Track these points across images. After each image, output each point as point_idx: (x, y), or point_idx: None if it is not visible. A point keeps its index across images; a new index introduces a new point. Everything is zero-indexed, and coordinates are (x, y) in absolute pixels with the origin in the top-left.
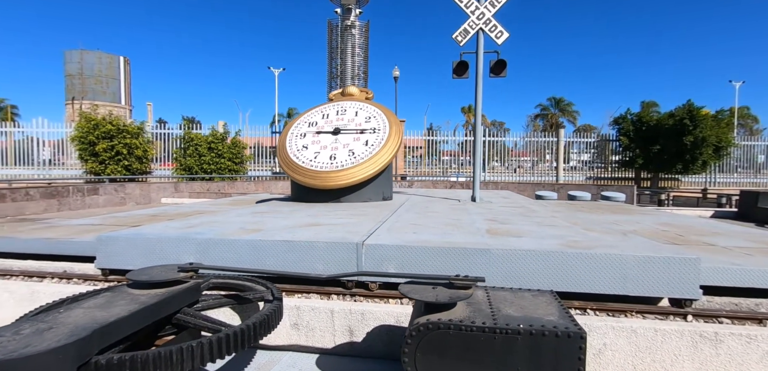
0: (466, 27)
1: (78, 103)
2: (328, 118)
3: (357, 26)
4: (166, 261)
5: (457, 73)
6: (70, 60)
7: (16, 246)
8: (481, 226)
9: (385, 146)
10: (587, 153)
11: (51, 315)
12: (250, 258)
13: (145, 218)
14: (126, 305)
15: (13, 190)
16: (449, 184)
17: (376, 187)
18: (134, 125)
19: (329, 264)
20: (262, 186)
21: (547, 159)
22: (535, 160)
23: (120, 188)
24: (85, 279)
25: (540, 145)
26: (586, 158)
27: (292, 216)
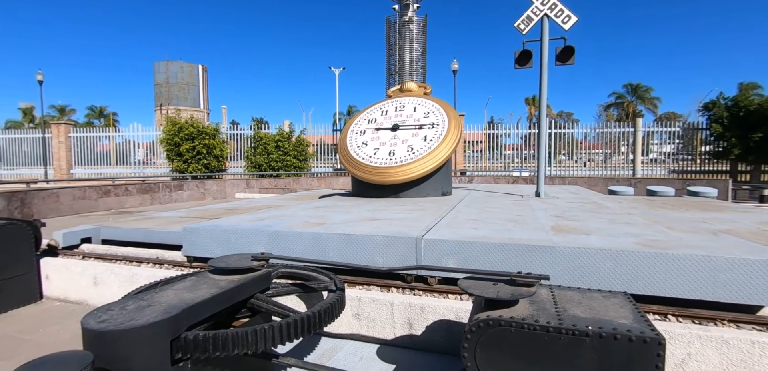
0: (529, 14)
1: (165, 108)
2: (387, 115)
3: (415, 21)
4: (240, 250)
5: (520, 63)
6: (158, 70)
7: (119, 235)
8: (546, 223)
9: (444, 141)
10: (670, 143)
11: (149, 294)
12: (314, 250)
13: (221, 211)
14: (208, 289)
15: (116, 187)
16: (512, 179)
17: (435, 183)
18: (211, 127)
19: (388, 257)
20: (325, 182)
21: (623, 151)
22: (608, 153)
23: (200, 184)
24: (173, 264)
25: (614, 136)
26: (668, 149)
27: (353, 211)
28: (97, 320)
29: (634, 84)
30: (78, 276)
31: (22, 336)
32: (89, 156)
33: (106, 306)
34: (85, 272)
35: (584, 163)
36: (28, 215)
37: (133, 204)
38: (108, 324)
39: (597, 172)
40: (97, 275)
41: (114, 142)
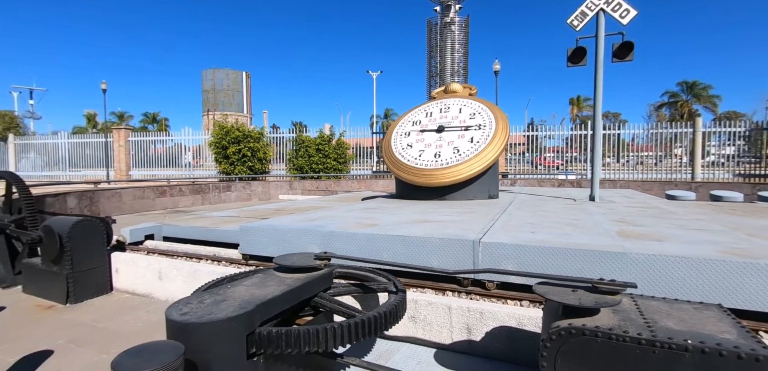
0: (584, 9)
1: (211, 113)
2: (431, 116)
3: (456, 22)
4: (294, 249)
5: (573, 61)
6: (206, 78)
7: (178, 232)
8: (609, 227)
9: (492, 143)
10: (731, 145)
11: (222, 289)
12: (368, 250)
13: (269, 211)
14: (277, 286)
15: (171, 187)
16: (557, 182)
17: (482, 185)
18: (256, 131)
19: (444, 260)
20: (365, 184)
21: (677, 153)
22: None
23: (247, 186)
24: (230, 262)
25: (666, 137)
26: (729, 152)
27: (401, 213)
28: (179, 312)
29: (689, 82)
30: (144, 270)
31: (97, 324)
32: (144, 158)
33: (185, 300)
34: (151, 267)
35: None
36: (96, 212)
37: (186, 204)
38: (189, 316)
39: (650, 176)
40: (161, 270)
41: (166, 145)
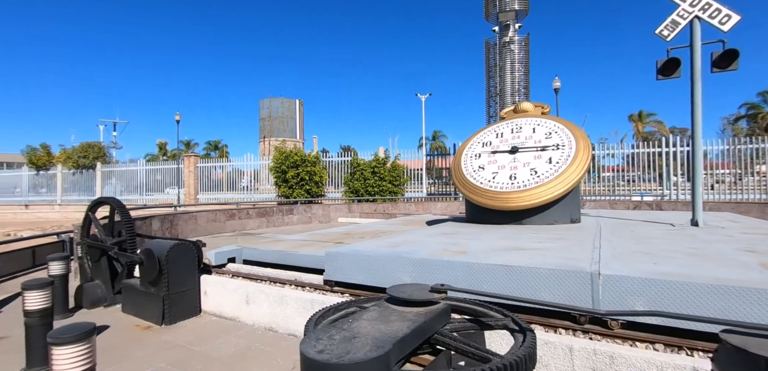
0: (675, 18)
1: (267, 139)
2: (502, 137)
3: (516, 41)
4: (384, 277)
5: (664, 73)
6: (263, 106)
7: (258, 256)
8: (742, 258)
9: (574, 163)
10: None
11: (345, 324)
12: (465, 280)
13: (340, 235)
14: (400, 322)
15: (239, 211)
16: (632, 203)
17: (563, 208)
18: (312, 155)
19: (556, 293)
20: (421, 207)
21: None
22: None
23: (307, 209)
24: (314, 288)
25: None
26: None
27: (485, 239)
28: (315, 349)
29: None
30: (232, 293)
31: (193, 347)
32: (207, 183)
33: (313, 335)
34: (239, 290)
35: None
36: (175, 234)
37: (253, 226)
38: (327, 355)
39: (735, 196)
40: (248, 294)
41: (225, 170)
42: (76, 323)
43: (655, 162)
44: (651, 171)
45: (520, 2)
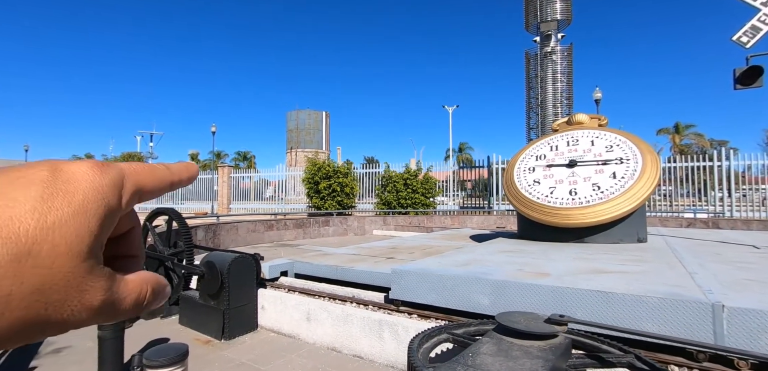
0: (755, 23)
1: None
2: (557, 150)
3: (558, 52)
4: (459, 299)
5: (744, 82)
6: (290, 118)
7: (311, 270)
8: None
9: (642, 178)
10: None
11: (467, 359)
12: (553, 306)
13: (387, 250)
14: (525, 357)
15: (277, 221)
16: (686, 221)
17: (629, 227)
18: (344, 166)
19: (665, 325)
20: (457, 220)
21: None
22: None
23: (343, 221)
24: (378, 306)
25: None
26: None
27: (557, 258)
28: None
29: None
30: (292, 310)
31: (257, 366)
32: (236, 192)
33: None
34: (299, 306)
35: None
36: (218, 244)
37: (290, 237)
38: None
39: None
40: (310, 311)
41: (253, 180)
42: (170, 344)
43: (695, 176)
44: (691, 185)
45: (563, 11)
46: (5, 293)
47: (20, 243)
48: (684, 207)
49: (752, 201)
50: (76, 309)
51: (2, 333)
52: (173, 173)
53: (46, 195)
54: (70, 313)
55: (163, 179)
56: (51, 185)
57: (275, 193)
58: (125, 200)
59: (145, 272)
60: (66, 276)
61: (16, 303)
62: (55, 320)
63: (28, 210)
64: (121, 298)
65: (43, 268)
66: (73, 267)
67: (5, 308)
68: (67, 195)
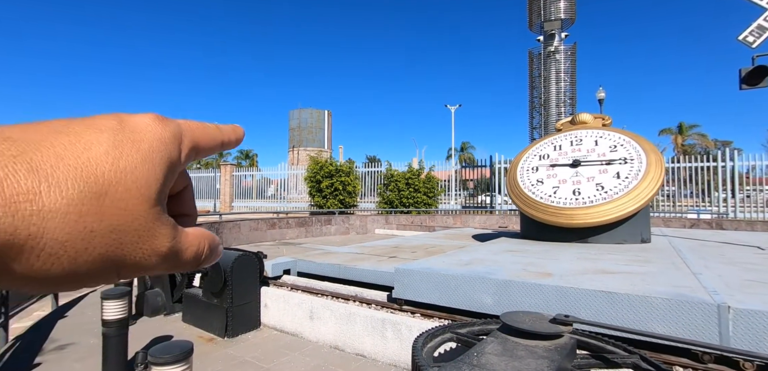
0: (762, 23)
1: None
2: (561, 150)
3: (562, 51)
4: (462, 298)
5: (750, 82)
6: (293, 117)
7: (314, 269)
8: None
9: (646, 178)
10: None
11: (471, 359)
12: (558, 305)
13: (390, 249)
14: (530, 357)
15: (280, 220)
16: (689, 221)
17: (633, 227)
18: (346, 165)
19: (670, 325)
20: (459, 220)
21: None
22: None
23: (345, 219)
24: (380, 305)
25: None
26: None
27: (561, 258)
28: None
29: None
30: (295, 308)
31: (261, 364)
32: (238, 191)
33: (437, 367)
34: (302, 305)
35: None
36: None
37: (292, 236)
38: None
39: None
40: (313, 309)
41: (255, 179)
42: (175, 341)
43: (698, 176)
44: (694, 186)
45: (567, 10)
46: (88, 229)
47: (98, 183)
48: (688, 207)
49: (756, 202)
50: (146, 252)
51: (86, 268)
52: (223, 132)
53: (117, 141)
54: (142, 255)
55: (215, 138)
56: (120, 133)
57: (277, 192)
58: (184, 154)
59: (202, 229)
60: (138, 219)
61: (98, 239)
62: (130, 261)
63: (102, 153)
64: (184, 248)
65: (118, 209)
66: (143, 211)
67: (88, 243)
68: (135, 143)
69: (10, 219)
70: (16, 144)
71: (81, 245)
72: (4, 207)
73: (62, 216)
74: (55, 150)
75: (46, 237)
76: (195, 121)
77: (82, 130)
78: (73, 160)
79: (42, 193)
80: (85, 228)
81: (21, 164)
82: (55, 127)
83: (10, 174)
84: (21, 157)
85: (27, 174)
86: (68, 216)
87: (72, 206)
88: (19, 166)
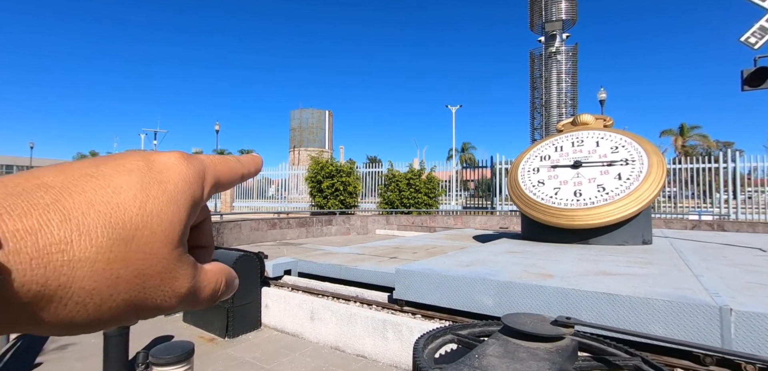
0: (764, 24)
1: (297, 149)
2: (562, 151)
3: (563, 52)
4: (463, 299)
5: (752, 83)
6: (293, 117)
7: (314, 269)
8: None
9: (647, 180)
10: None
11: (473, 360)
12: (559, 307)
13: (391, 250)
14: (531, 359)
15: (281, 220)
16: (690, 223)
17: (634, 228)
18: (347, 165)
19: (672, 327)
20: (460, 220)
21: None
22: None
23: (346, 220)
24: (381, 306)
25: None
26: None
27: (563, 260)
28: None
29: None
30: (296, 308)
31: (262, 365)
32: (239, 191)
33: (439, 369)
34: (303, 305)
35: None
36: (221, 242)
37: (293, 236)
38: None
39: None
40: (314, 310)
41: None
42: (176, 342)
43: (699, 178)
44: (696, 187)
45: (568, 11)
46: (115, 275)
47: (126, 228)
48: (689, 209)
49: (758, 204)
50: (167, 294)
51: (109, 314)
52: (244, 165)
53: (144, 183)
54: (163, 298)
55: (236, 171)
56: (147, 174)
57: (278, 192)
58: (207, 192)
59: (219, 264)
60: (161, 262)
61: (123, 286)
62: (151, 304)
63: (130, 197)
64: (202, 287)
65: (144, 254)
66: (167, 254)
67: (114, 290)
68: (162, 184)
69: (43, 271)
70: (51, 191)
71: (107, 292)
72: (37, 258)
73: (91, 264)
74: (86, 195)
75: (74, 286)
76: (217, 156)
77: (111, 172)
78: (102, 205)
79: (73, 242)
80: (112, 274)
81: (55, 213)
82: (87, 170)
83: (44, 224)
84: (55, 204)
85: (60, 223)
86: (97, 264)
87: (101, 254)
88: (53, 214)
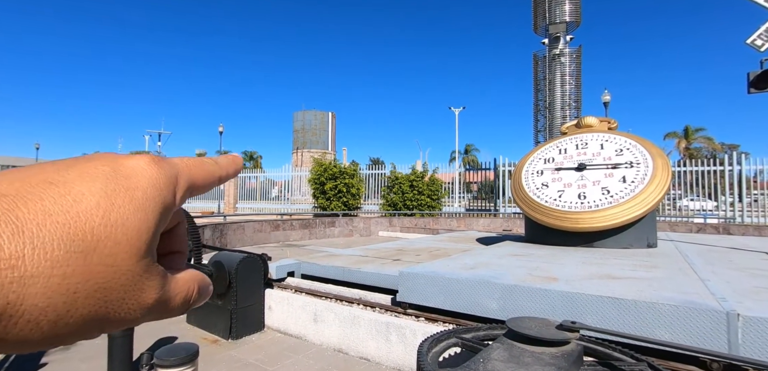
0: None
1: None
2: (566, 153)
3: (567, 54)
4: (467, 303)
5: (758, 86)
6: (296, 118)
7: (318, 271)
8: None
9: (652, 183)
10: None
11: (477, 365)
12: (563, 311)
13: (394, 252)
14: (537, 365)
15: (284, 222)
16: (696, 226)
17: (639, 231)
18: (350, 167)
19: (677, 333)
20: (463, 222)
21: None
22: None
23: (349, 222)
24: (385, 309)
25: None
26: None
27: (567, 263)
28: None
29: None
30: (299, 310)
31: (266, 367)
32: (242, 192)
33: None
34: (306, 307)
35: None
36: (225, 243)
37: (296, 238)
38: None
39: None
40: (317, 312)
41: (259, 180)
42: (180, 343)
43: (705, 180)
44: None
45: (572, 13)
46: (72, 291)
47: (86, 240)
48: (694, 212)
49: (764, 207)
50: (132, 307)
51: (66, 331)
52: (221, 167)
53: (109, 190)
54: (127, 311)
55: (213, 174)
56: (113, 180)
57: (281, 193)
58: (179, 196)
59: (191, 270)
60: (125, 275)
61: (81, 301)
62: (113, 318)
63: (93, 205)
64: (172, 296)
65: (106, 266)
66: (132, 266)
67: (71, 306)
68: (128, 191)
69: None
70: (4, 201)
71: (63, 308)
72: None
73: (45, 279)
74: (42, 204)
75: (25, 303)
76: (192, 159)
77: (73, 178)
78: (61, 215)
79: (25, 257)
80: (69, 289)
81: (6, 224)
82: (47, 177)
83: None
84: (6, 215)
85: (11, 236)
86: (51, 279)
87: (56, 268)
88: (4, 227)
